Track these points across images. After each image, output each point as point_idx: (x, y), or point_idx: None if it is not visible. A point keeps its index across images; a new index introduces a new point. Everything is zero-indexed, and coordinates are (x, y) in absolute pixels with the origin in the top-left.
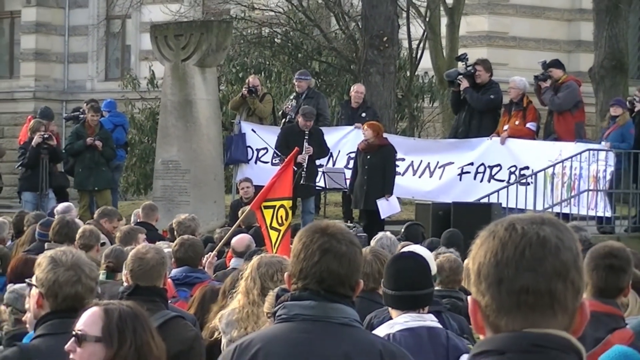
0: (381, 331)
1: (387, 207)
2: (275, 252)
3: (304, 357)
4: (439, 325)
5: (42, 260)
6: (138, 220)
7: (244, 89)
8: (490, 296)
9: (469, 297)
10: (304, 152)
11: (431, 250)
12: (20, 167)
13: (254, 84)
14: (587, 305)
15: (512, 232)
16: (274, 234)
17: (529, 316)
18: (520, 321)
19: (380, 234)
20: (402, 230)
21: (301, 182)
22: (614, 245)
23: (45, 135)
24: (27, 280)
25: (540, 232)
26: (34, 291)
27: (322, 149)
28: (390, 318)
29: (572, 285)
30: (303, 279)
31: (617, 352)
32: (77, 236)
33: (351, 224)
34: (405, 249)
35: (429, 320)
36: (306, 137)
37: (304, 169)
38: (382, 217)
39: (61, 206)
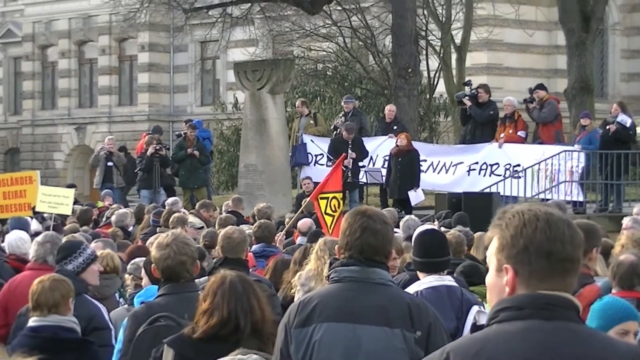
0: (412, 289)
1: (415, 196)
2: (331, 232)
3: (351, 308)
4: (456, 284)
5: (153, 242)
6: (229, 210)
7: None
8: (540, 265)
9: (506, 266)
10: (348, 157)
11: (448, 227)
12: (138, 171)
13: (299, 106)
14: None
15: (550, 216)
16: (328, 218)
17: (567, 279)
18: (561, 284)
19: (407, 216)
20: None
21: (347, 180)
22: (583, 221)
23: (158, 147)
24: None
25: (564, 216)
26: (153, 264)
27: (362, 153)
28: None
29: (582, 254)
30: (349, 250)
31: (607, 299)
32: (170, 221)
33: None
34: (424, 228)
35: (447, 280)
36: (350, 145)
37: (349, 171)
38: (412, 204)
39: (170, 200)
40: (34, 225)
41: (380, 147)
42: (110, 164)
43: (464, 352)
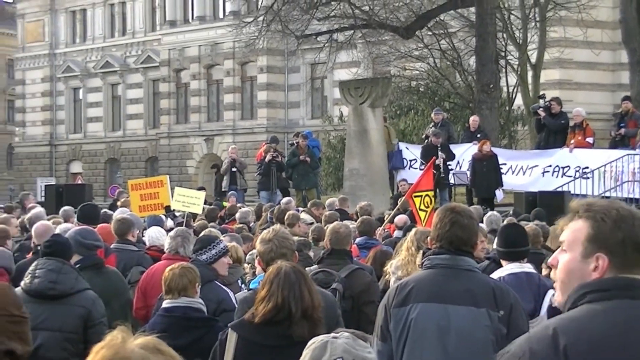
0: (495, 275)
1: (498, 195)
2: (424, 225)
3: (442, 290)
4: (534, 271)
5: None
6: (336, 208)
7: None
8: (634, 257)
9: (600, 255)
10: (439, 158)
11: (528, 221)
12: (258, 175)
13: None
14: None
15: None
16: (422, 213)
17: None
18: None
19: (490, 212)
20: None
21: (441, 175)
22: None
23: (274, 154)
24: None
25: None
26: (258, 257)
27: (449, 155)
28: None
29: None
30: (440, 241)
31: None
32: (285, 217)
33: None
34: (506, 222)
35: (527, 267)
36: (439, 149)
37: (442, 171)
38: (496, 202)
39: (284, 199)
40: (169, 222)
41: (465, 153)
42: (234, 169)
43: (566, 328)
